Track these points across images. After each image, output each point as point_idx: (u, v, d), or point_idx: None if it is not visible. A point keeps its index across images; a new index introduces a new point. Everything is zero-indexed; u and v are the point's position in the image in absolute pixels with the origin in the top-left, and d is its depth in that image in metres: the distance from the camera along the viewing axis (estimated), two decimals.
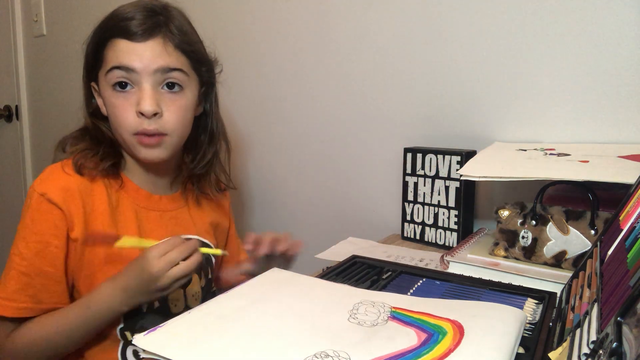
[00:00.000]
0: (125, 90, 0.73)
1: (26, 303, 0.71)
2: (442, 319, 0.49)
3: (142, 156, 0.75)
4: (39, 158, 1.98)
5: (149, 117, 0.72)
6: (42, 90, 1.91)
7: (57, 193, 0.72)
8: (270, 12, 1.20)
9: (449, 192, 0.89)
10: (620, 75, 0.78)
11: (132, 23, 0.73)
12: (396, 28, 1.01)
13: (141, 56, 0.72)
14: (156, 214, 0.81)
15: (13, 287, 0.71)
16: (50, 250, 0.72)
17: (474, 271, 0.69)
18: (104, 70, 0.74)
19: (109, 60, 0.73)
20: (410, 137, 1.01)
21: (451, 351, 0.43)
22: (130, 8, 0.75)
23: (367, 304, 0.53)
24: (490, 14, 0.89)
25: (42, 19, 1.83)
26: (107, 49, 0.74)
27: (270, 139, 1.25)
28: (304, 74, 1.17)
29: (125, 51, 0.72)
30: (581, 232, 0.66)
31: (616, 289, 0.36)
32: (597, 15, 0.79)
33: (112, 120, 0.76)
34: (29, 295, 0.71)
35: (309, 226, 1.21)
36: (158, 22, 0.74)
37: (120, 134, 0.75)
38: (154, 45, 0.73)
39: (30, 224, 0.72)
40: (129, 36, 0.72)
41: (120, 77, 0.72)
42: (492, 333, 0.46)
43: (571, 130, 0.83)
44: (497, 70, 0.89)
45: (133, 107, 0.72)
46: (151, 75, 0.72)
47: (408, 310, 0.52)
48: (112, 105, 0.74)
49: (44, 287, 0.72)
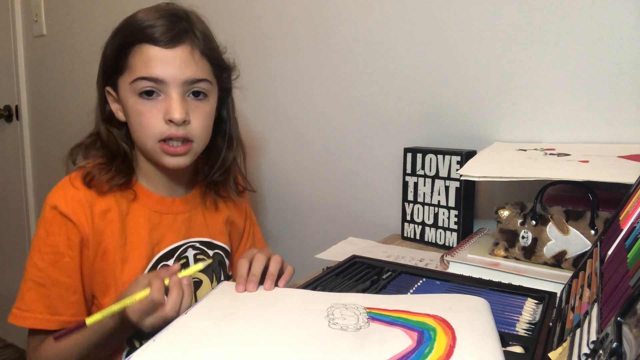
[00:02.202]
0: (152, 98, 0.73)
1: (43, 314, 0.72)
2: (422, 315, 0.50)
3: (165, 163, 0.75)
4: (39, 158, 1.98)
5: (179, 125, 0.73)
6: (42, 90, 1.91)
7: (67, 205, 0.72)
8: (270, 14, 1.20)
9: (449, 192, 0.89)
10: (620, 75, 0.78)
11: (158, 29, 0.72)
12: (396, 28, 1.01)
13: (170, 65, 0.72)
14: (169, 216, 0.81)
15: (31, 298, 0.72)
16: (65, 261, 0.73)
17: (474, 271, 0.69)
18: (129, 78, 0.73)
19: (136, 68, 0.72)
20: (410, 137, 1.01)
21: (452, 347, 0.43)
22: (153, 13, 0.74)
23: (339, 307, 0.52)
24: (490, 14, 0.89)
25: (42, 19, 1.83)
26: (132, 56, 0.73)
27: (270, 139, 1.25)
28: (303, 75, 1.17)
29: (153, 60, 0.72)
30: (581, 232, 0.66)
31: (616, 289, 0.36)
32: (597, 15, 0.79)
33: (136, 126, 0.75)
34: (46, 305, 0.72)
35: (309, 226, 1.21)
36: (184, 28, 0.74)
37: (144, 141, 0.74)
38: (182, 53, 0.73)
39: (45, 236, 0.73)
40: (157, 42, 0.72)
41: (148, 87, 0.72)
42: (478, 323, 0.48)
43: (571, 130, 0.83)
44: (497, 70, 0.89)
45: (160, 114, 0.73)
46: (180, 85, 0.73)
47: (383, 309, 0.52)
48: (137, 112, 0.73)
49: (60, 297, 0.73)
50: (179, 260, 0.80)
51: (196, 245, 0.83)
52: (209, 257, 0.84)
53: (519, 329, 0.50)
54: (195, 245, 0.83)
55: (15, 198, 2.06)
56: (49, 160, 1.89)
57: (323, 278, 0.64)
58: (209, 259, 0.84)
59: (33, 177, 2.01)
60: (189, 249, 0.82)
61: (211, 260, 0.81)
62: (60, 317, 0.73)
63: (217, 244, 0.86)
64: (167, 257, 0.79)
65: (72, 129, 0.80)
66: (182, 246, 0.81)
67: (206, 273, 0.83)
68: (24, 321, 0.72)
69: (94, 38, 1.66)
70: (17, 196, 2.05)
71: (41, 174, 1.96)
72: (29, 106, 1.98)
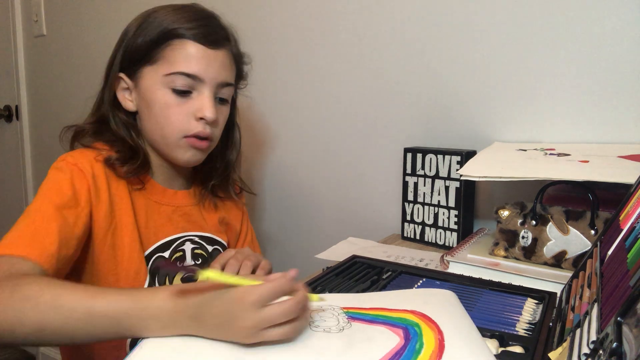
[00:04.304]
0: (184, 95, 0.73)
1: (32, 243, 0.61)
2: (401, 311, 0.50)
3: (185, 158, 0.76)
4: (39, 158, 1.98)
5: (209, 124, 0.75)
6: (42, 90, 1.91)
7: (88, 168, 0.71)
8: (270, 14, 1.20)
9: (449, 192, 0.89)
10: (620, 75, 0.78)
11: (204, 29, 0.73)
12: (396, 28, 1.01)
13: (211, 65, 0.73)
14: (168, 208, 0.81)
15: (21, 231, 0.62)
16: (81, 207, 0.68)
17: (474, 271, 0.69)
18: (164, 70, 0.72)
19: (174, 62, 0.72)
20: (410, 137, 1.01)
21: (442, 341, 0.44)
22: (201, 12, 0.76)
23: (315, 309, 0.51)
24: (490, 14, 0.89)
25: (42, 19, 1.83)
26: (170, 49, 0.72)
27: (270, 138, 1.25)
28: (302, 75, 1.17)
29: (196, 57, 0.72)
30: (581, 232, 0.66)
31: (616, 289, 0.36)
32: (597, 15, 0.79)
33: (160, 118, 0.74)
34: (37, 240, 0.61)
35: (309, 226, 1.21)
36: (225, 33, 0.77)
37: (167, 134, 0.74)
38: (222, 56, 0.76)
39: (61, 181, 0.68)
40: (200, 41, 0.72)
41: (185, 85, 0.73)
42: (456, 315, 0.49)
43: (571, 130, 0.83)
44: (497, 71, 0.89)
45: (190, 111, 0.74)
46: (214, 86, 0.75)
47: (359, 308, 0.51)
48: (165, 105, 0.73)
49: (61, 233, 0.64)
50: (175, 253, 0.80)
51: (195, 240, 0.83)
52: (207, 252, 0.84)
53: (519, 329, 0.50)
54: (194, 240, 0.83)
55: (15, 198, 2.06)
56: (49, 160, 1.89)
57: (323, 278, 0.64)
58: (207, 254, 0.84)
59: (33, 177, 2.01)
60: (186, 242, 0.82)
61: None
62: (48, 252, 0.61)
63: (217, 240, 0.86)
64: (163, 249, 0.79)
65: None
66: (180, 239, 0.81)
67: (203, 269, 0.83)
68: (6, 247, 0.59)
69: (93, 38, 1.67)
70: (17, 196, 2.05)
71: (41, 174, 1.96)
72: (29, 106, 1.98)
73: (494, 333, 0.48)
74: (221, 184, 0.88)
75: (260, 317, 0.44)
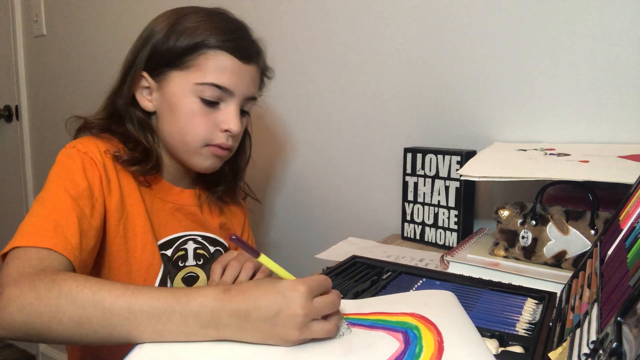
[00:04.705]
0: (212, 105, 0.73)
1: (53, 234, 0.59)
2: (400, 315, 0.50)
3: (205, 165, 0.77)
4: (39, 158, 1.98)
5: (232, 136, 0.76)
6: (42, 90, 1.91)
7: (99, 158, 0.70)
8: (270, 14, 1.20)
9: (449, 192, 0.89)
10: (620, 75, 0.78)
11: (240, 42, 0.74)
12: (396, 28, 1.01)
13: (242, 79, 0.74)
14: (172, 205, 0.80)
15: (39, 222, 0.61)
16: (95, 198, 0.67)
17: (474, 271, 0.69)
18: (195, 78, 0.72)
19: (207, 71, 0.72)
20: (410, 137, 1.01)
21: (441, 342, 0.44)
22: (236, 23, 0.77)
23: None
24: (490, 13, 0.89)
25: (42, 19, 1.83)
26: (204, 58, 0.72)
27: (270, 138, 1.25)
28: (302, 75, 1.17)
29: (229, 70, 0.72)
30: (581, 232, 0.66)
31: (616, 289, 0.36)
32: (597, 15, 0.79)
33: (184, 124, 0.73)
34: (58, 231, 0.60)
35: (309, 226, 1.21)
36: (257, 48, 0.78)
37: (189, 141, 0.74)
38: (253, 71, 0.76)
39: (74, 170, 0.67)
40: (235, 54, 0.73)
41: (214, 96, 0.73)
42: (455, 316, 0.48)
43: (571, 130, 0.83)
44: (497, 71, 0.89)
45: (216, 121, 0.74)
46: (242, 99, 0.76)
47: (359, 314, 0.51)
48: (191, 112, 0.73)
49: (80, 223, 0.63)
50: (178, 252, 0.80)
51: (197, 239, 0.83)
52: (209, 253, 0.84)
53: (519, 329, 0.50)
54: (197, 239, 0.83)
55: (15, 198, 2.06)
56: (49, 160, 1.89)
57: None
58: (208, 255, 0.84)
59: (33, 177, 2.01)
60: (189, 241, 0.82)
61: None
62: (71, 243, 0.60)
63: (220, 241, 0.86)
64: (166, 247, 0.78)
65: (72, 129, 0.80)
66: (183, 237, 0.81)
67: (204, 270, 0.83)
68: (30, 239, 0.58)
69: (93, 38, 1.67)
70: (17, 196, 2.05)
71: (41, 174, 1.96)
72: (29, 106, 1.98)
73: (494, 333, 0.48)
74: (229, 189, 0.89)
75: (312, 305, 0.45)
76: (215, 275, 0.69)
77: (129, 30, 1.54)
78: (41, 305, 0.49)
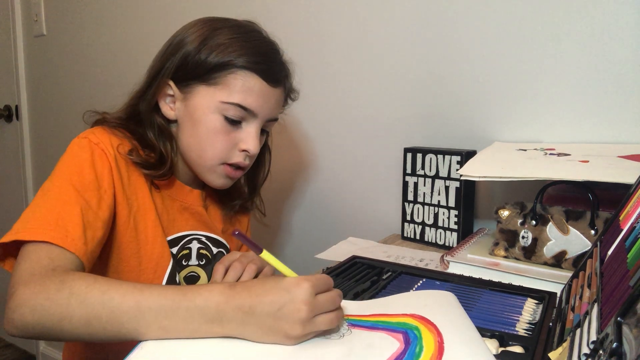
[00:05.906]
0: (234, 124, 0.73)
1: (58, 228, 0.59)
2: (400, 316, 0.50)
3: (217, 183, 0.77)
4: (39, 158, 1.98)
5: (250, 157, 0.76)
6: (42, 90, 1.91)
7: (110, 150, 0.69)
8: (270, 14, 1.20)
9: (449, 192, 0.89)
10: (620, 75, 0.78)
11: (271, 66, 0.74)
12: (396, 28, 1.01)
13: (267, 102, 0.74)
14: (180, 204, 0.80)
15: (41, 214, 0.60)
16: (103, 190, 0.66)
17: (474, 271, 0.69)
18: (222, 96, 0.71)
19: (234, 91, 0.71)
20: (410, 137, 1.01)
21: (442, 343, 0.44)
22: (268, 45, 0.76)
23: None
24: (490, 13, 0.89)
25: (42, 19, 1.83)
26: (233, 77, 0.71)
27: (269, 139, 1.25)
28: (302, 75, 1.17)
29: (256, 93, 0.72)
30: (581, 232, 0.66)
31: (616, 289, 0.36)
32: (597, 15, 0.79)
33: (204, 141, 0.73)
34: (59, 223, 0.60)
35: (309, 226, 1.21)
36: (286, 72, 0.78)
37: (205, 157, 0.74)
38: (278, 95, 0.76)
39: (82, 162, 0.66)
40: (264, 77, 0.72)
41: (238, 116, 0.72)
42: (456, 317, 0.48)
43: (571, 130, 0.83)
44: (497, 71, 0.89)
45: (235, 141, 0.74)
46: (264, 121, 0.75)
47: (359, 315, 0.52)
48: (213, 129, 0.72)
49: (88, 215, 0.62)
50: (182, 250, 0.80)
51: (202, 239, 0.83)
52: (212, 253, 0.84)
53: (519, 329, 0.50)
54: (201, 239, 0.83)
55: (15, 198, 2.06)
56: (49, 160, 1.89)
57: None
58: (211, 255, 0.84)
59: (33, 177, 2.01)
60: (193, 240, 0.82)
61: None
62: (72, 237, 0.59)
63: (223, 243, 0.86)
64: (172, 244, 0.78)
65: (72, 129, 0.80)
66: (188, 236, 0.81)
67: (206, 270, 0.83)
68: (33, 233, 0.57)
69: (93, 38, 1.67)
70: (17, 196, 2.05)
71: (41, 174, 1.96)
72: (29, 106, 1.98)
73: (494, 333, 0.48)
74: (245, 203, 0.89)
75: (316, 301, 0.47)
76: (217, 276, 0.69)
77: (129, 30, 1.55)
78: (52, 306, 0.50)
